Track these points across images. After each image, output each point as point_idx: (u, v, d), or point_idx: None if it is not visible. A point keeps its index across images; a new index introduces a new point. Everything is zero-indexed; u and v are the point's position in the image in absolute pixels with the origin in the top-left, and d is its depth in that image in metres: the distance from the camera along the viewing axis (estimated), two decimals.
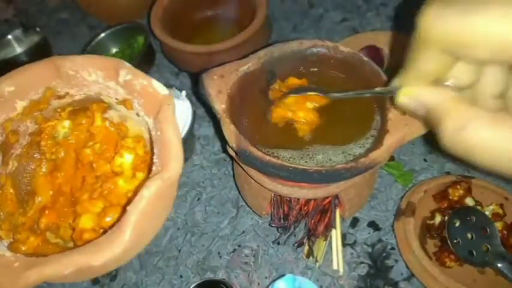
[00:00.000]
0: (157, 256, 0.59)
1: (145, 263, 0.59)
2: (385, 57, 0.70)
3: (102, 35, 0.83)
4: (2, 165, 0.47)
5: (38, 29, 0.87)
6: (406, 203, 0.57)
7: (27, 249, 0.44)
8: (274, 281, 0.49)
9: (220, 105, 0.47)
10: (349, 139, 0.48)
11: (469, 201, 0.56)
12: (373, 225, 0.59)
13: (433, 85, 0.30)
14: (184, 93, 0.65)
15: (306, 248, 0.56)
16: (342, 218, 0.56)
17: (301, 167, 0.42)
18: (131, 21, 0.85)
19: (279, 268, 0.57)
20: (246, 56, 0.52)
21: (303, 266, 0.56)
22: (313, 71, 0.54)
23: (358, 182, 0.48)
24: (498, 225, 0.53)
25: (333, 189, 0.48)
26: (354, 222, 0.60)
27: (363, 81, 0.50)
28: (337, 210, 0.54)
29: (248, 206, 0.61)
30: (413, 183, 0.62)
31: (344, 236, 0.58)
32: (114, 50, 0.85)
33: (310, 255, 0.56)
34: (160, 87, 0.42)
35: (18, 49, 0.87)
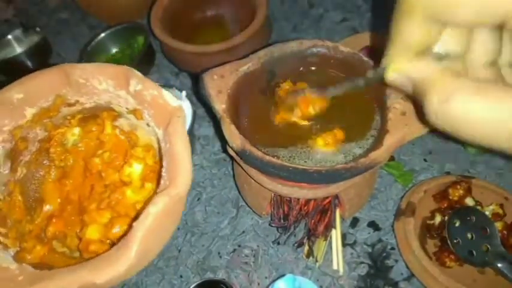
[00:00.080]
0: (157, 256, 0.59)
1: None
2: None
3: (102, 35, 0.83)
4: (10, 172, 0.47)
5: (38, 29, 0.88)
6: (406, 203, 0.57)
7: (33, 258, 0.43)
8: (274, 281, 0.49)
9: (220, 105, 0.47)
10: (349, 139, 0.48)
11: (469, 201, 0.56)
12: (373, 225, 0.59)
13: (421, 58, 0.28)
14: (184, 93, 0.65)
15: (306, 248, 0.56)
16: (342, 218, 0.56)
17: (301, 167, 0.42)
18: (131, 21, 0.85)
19: (279, 268, 0.57)
20: (246, 56, 0.52)
21: (303, 266, 0.56)
22: (313, 71, 0.54)
23: (358, 182, 0.48)
24: (498, 225, 0.53)
25: (333, 189, 0.48)
26: (354, 222, 0.60)
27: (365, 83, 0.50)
28: (337, 210, 0.54)
29: (248, 206, 0.61)
30: (413, 183, 0.62)
31: (344, 236, 0.58)
32: (114, 50, 0.85)
33: (310, 255, 0.56)
34: (170, 99, 0.42)
35: (18, 49, 0.87)
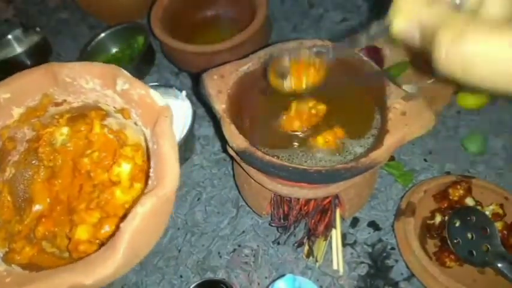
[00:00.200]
0: (157, 256, 0.59)
1: (145, 263, 0.58)
2: (385, 57, 0.70)
3: (102, 35, 0.83)
4: None
5: (38, 29, 0.88)
6: (406, 203, 0.57)
7: (23, 259, 0.43)
8: (274, 281, 0.49)
9: (220, 105, 0.47)
10: (349, 138, 0.48)
11: (469, 201, 0.56)
12: (373, 225, 0.59)
13: (433, 5, 0.27)
14: (184, 93, 0.65)
15: (306, 248, 0.56)
16: (342, 218, 0.56)
17: (301, 167, 0.42)
18: (131, 21, 0.85)
19: (279, 268, 0.57)
20: (246, 56, 0.52)
21: (303, 266, 0.56)
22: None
23: (358, 182, 0.48)
24: (498, 225, 0.53)
25: (333, 189, 0.48)
26: (354, 222, 0.60)
27: (363, 81, 0.50)
28: (337, 210, 0.54)
29: (248, 206, 0.61)
30: (413, 183, 0.62)
31: (344, 236, 0.58)
32: (114, 50, 0.85)
33: (310, 255, 0.56)
34: (158, 98, 0.41)
35: (18, 49, 0.87)
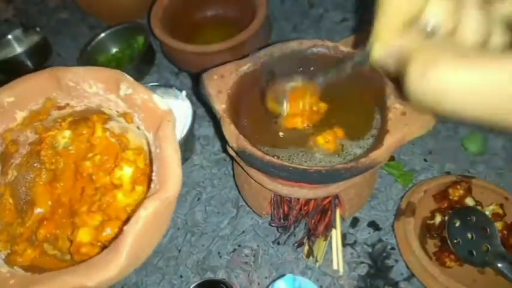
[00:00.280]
0: (157, 256, 0.59)
1: (146, 263, 0.58)
2: None
3: (102, 35, 0.83)
4: (1, 175, 0.47)
5: (38, 29, 0.88)
6: (406, 203, 0.57)
7: (24, 261, 0.44)
8: (274, 281, 0.49)
9: (220, 105, 0.47)
10: (349, 138, 0.48)
11: (469, 201, 0.56)
12: (373, 225, 0.59)
13: (407, 32, 0.27)
14: (184, 93, 0.65)
15: (306, 248, 0.56)
16: (342, 218, 0.56)
17: (301, 167, 0.42)
18: (131, 21, 0.85)
19: (279, 268, 0.57)
20: (246, 56, 0.52)
21: (303, 266, 0.56)
22: (313, 71, 0.54)
23: (358, 182, 0.48)
24: (498, 225, 0.53)
25: (333, 189, 0.48)
26: (354, 222, 0.60)
27: (363, 81, 0.50)
28: (337, 210, 0.54)
29: (248, 206, 0.61)
30: (413, 183, 0.62)
31: (344, 236, 0.58)
32: (114, 50, 0.85)
33: (310, 255, 0.56)
34: (160, 103, 0.42)
35: (18, 49, 0.87)
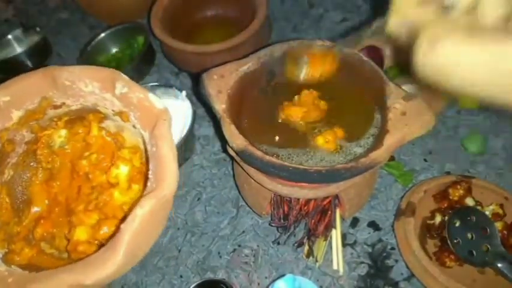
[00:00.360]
0: (157, 256, 0.59)
1: (145, 263, 0.58)
2: (385, 57, 0.70)
3: (102, 35, 0.83)
4: None
5: (38, 29, 0.88)
6: (406, 203, 0.57)
7: (22, 260, 0.44)
8: (274, 281, 0.49)
9: (220, 105, 0.47)
10: (349, 138, 0.48)
11: (469, 201, 0.56)
12: (373, 225, 0.59)
13: (425, 6, 0.27)
14: (184, 93, 0.65)
15: (306, 248, 0.56)
16: (342, 218, 0.56)
17: (301, 167, 0.42)
18: (131, 21, 0.85)
19: (279, 268, 0.57)
20: (246, 56, 0.52)
21: (303, 266, 0.56)
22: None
23: (358, 182, 0.48)
24: (498, 225, 0.53)
25: (333, 189, 0.48)
26: (354, 222, 0.60)
27: (363, 81, 0.50)
28: (337, 210, 0.54)
29: (248, 206, 0.61)
30: (413, 183, 0.62)
31: (344, 236, 0.58)
32: (114, 50, 0.85)
33: (310, 255, 0.56)
34: (156, 101, 0.42)
35: (18, 49, 0.87)
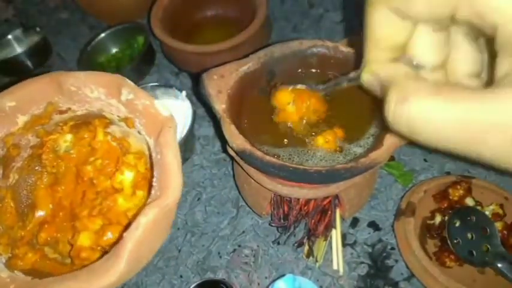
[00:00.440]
0: (157, 256, 0.59)
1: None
2: None
3: (102, 35, 0.83)
4: (2, 178, 0.47)
5: (38, 29, 0.88)
6: (406, 203, 0.57)
7: (25, 264, 0.44)
8: (274, 281, 0.49)
9: (220, 105, 0.47)
10: (349, 138, 0.48)
11: (469, 201, 0.56)
12: (373, 225, 0.59)
13: (395, 62, 0.27)
14: (184, 93, 0.65)
15: (306, 248, 0.56)
16: (342, 218, 0.56)
17: (301, 167, 0.42)
18: (131, 21, 0.85)
19: (279, 268, 0.57)
20: (246, 56, 0.52)
21: (303, 266, 0.56)
22: (312, 71, 0.54)
23: (358, 182, 0.48)
24: (498, 225, 0.53)
25: (333, 189, 0.48)
26: (354, 222, 0.60)
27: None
28: (337, 210, 0.54)
29: (248, 206, 0.61)
30: (413, 183, 0.62)
31: (344, 236, 0.58)
32: (114, 50, 0.85)
33: (310, 255, 0.56)
34: (162, 109, 0.42)
35: (18, 49, 0.87)
